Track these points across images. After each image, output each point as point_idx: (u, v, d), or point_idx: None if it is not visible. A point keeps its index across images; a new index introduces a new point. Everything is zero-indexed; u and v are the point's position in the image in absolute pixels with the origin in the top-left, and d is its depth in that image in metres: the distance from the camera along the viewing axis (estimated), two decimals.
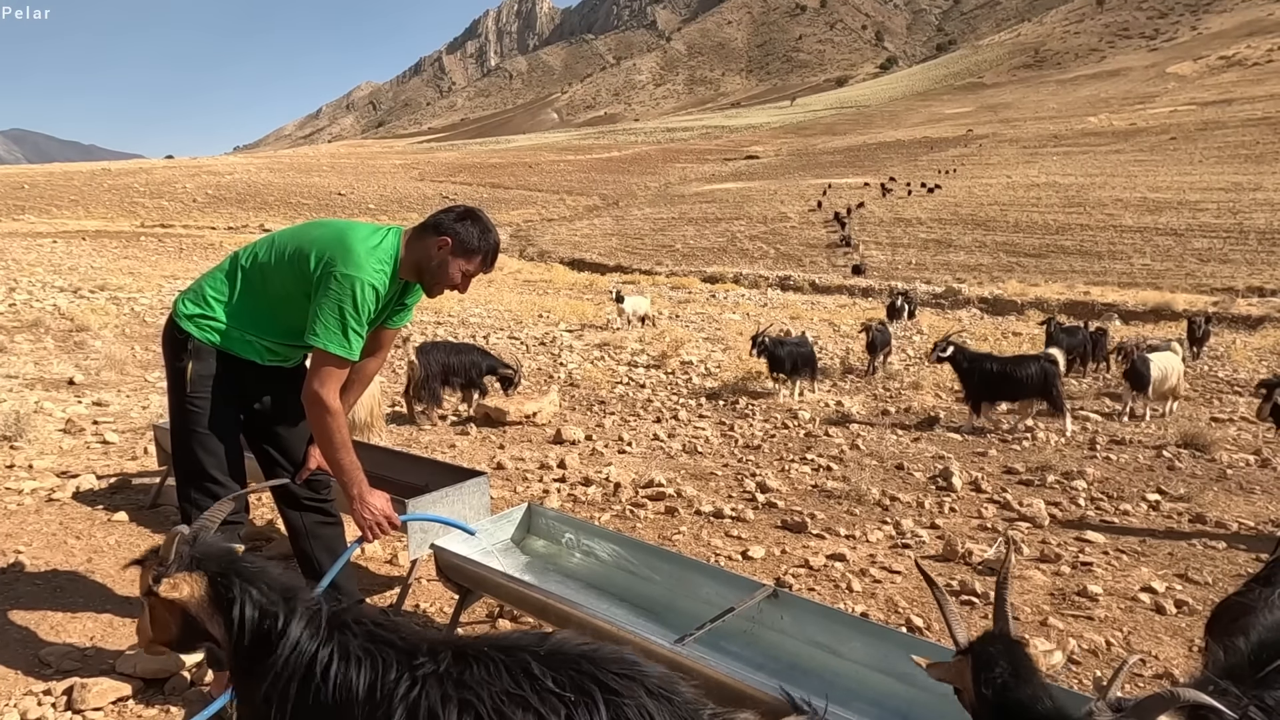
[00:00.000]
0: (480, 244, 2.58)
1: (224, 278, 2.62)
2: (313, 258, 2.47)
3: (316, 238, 2.53)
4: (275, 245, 2.58)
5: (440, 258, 2.55)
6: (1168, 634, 3.44)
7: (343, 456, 2.52)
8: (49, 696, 2.58)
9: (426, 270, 2.58)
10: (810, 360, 9.22)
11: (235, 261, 2.62)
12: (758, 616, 2.57)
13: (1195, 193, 39.35)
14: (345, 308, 2.41)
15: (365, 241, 2.50)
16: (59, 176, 67.98)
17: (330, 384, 2.44)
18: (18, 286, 14.97)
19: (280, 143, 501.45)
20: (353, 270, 2.42)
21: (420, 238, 2.57)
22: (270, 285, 2.57)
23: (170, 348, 2.60)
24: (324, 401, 2.43)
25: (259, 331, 2.61)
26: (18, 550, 3.79)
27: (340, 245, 2.47)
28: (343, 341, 2.42)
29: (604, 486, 5.37)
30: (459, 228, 2.55)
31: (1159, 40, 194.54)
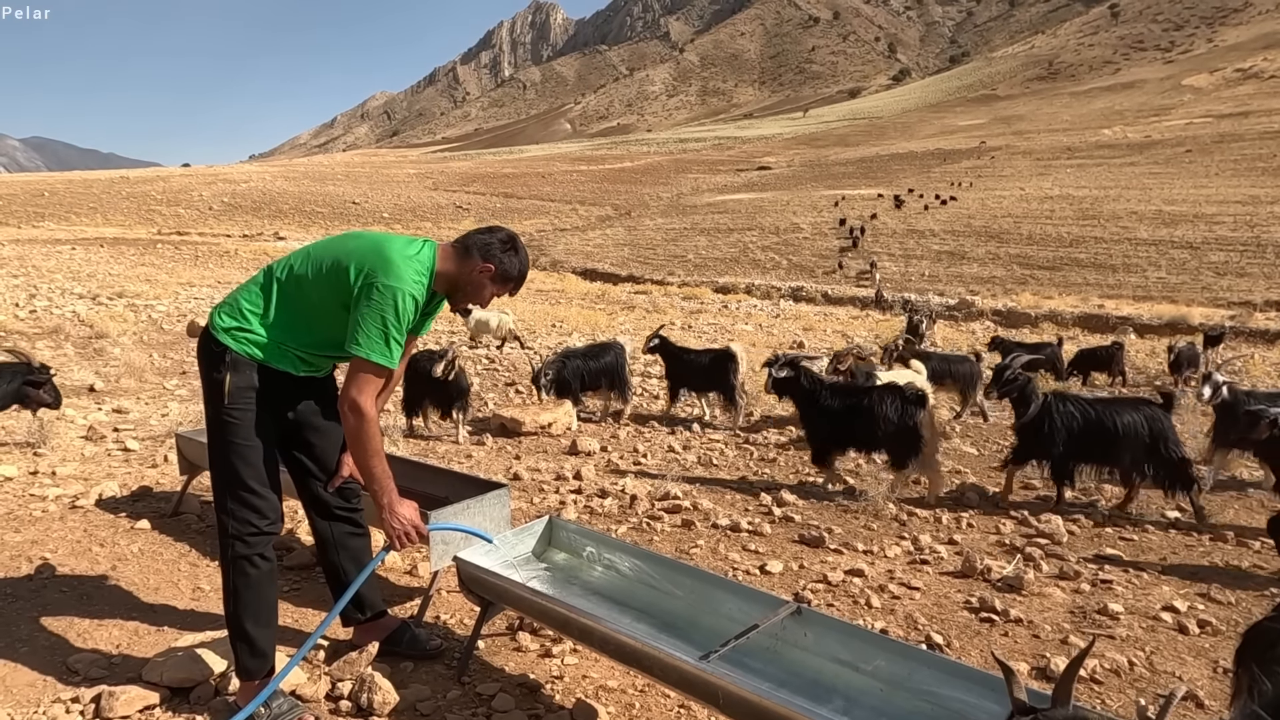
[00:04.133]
0: (517, 274, 2.71)
1: (259, 290, 2.65)
2: (352, 269, 2.51)
3: (354, 249, 2.58)
4: (311, 257, 2.62)
5: (480, 281, 2.65)
6: (1191, 654, 3.41)
7: (376, 465, 2.55)
8: (77, 704, 2.61)
9: (462, 289, 2.67)
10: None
11: (270, 274, 2.66)
12: (781, 633, 2.56)
13: (1211, 205, 39.11)
14: (387, 318, 2.46)
15: (403, 253, 2.55)
16: (78, 184, 68.81)
17: (369, 392, 2.48)
18: (38, 293, 15.16)
19: (295, 151, 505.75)
20: (394, 281, 2.47)
21: (465, 258, 2.65)
22: (307, 296, 2.60)
23: (207, 360, 2.63)
24: (362, 409, 2.46)
25: (295, 342, 2.64)
26: (44, 557, 3.83)
27: (380, 256, 2.52)
28: (385, 351, 2.47)
29: (620, 499, 5.37)
30: (504, 258, 2.66)
31: (1174, 52, 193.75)
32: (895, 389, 5.77)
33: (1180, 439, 5.44)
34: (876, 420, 5.60)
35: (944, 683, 2.25)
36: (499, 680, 2.90)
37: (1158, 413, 5.40)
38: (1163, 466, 5.27)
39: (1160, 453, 5.26)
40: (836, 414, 5.79)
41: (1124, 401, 5.66)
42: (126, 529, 4.32)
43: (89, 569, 3.76)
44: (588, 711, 2.71)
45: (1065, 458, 5.47)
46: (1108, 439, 5.34)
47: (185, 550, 4.09)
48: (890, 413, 5.60)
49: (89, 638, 3.08)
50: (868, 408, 5.66)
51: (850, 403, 5.77)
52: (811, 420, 5.92)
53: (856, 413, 5.71)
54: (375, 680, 2.68)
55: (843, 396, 5.86)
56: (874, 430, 5.63)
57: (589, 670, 3.01)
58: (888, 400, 5.65)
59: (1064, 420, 5.43)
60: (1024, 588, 4.00)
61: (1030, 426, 5.52)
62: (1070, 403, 5.53)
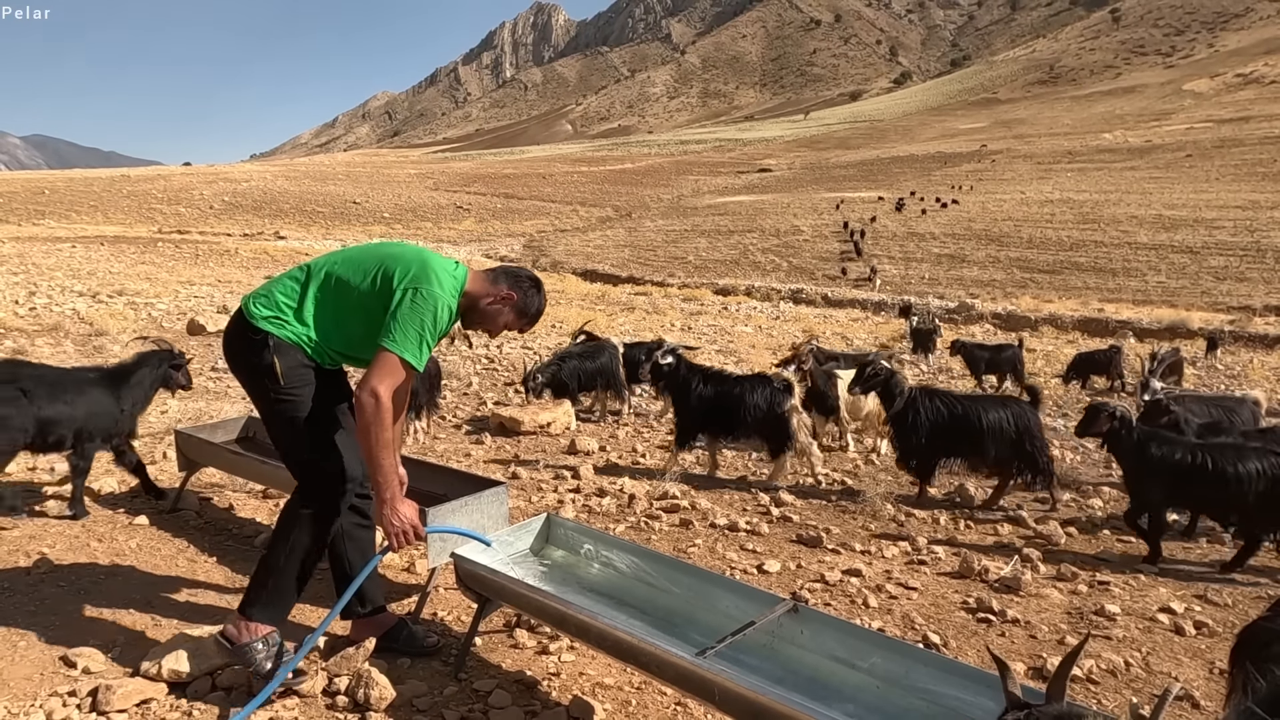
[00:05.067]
0: (534, 312, 2.86)
1: (296, 286, 2.73)
2: (398, 273, 2.62)
3: (399, 255, 2.69)
4: (354, 262, 2.72)
5: (499, 306, 2.79)
6: (1187, 655, 3.42)
7: (384, 456, 2.59)
8: (74, 698, 2.61)
9: (478, 308, 2.78)
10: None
11: (309, 273, 2.75)
12: (777, 631, 2.57)
13: (1212, 210, 39.14)
14: (426, 322, 2.57)
15: (444, 267, 2.70)
16: (79, 182, 68.81)
17: (390, 384, 2.54)
18: (38, 290, 15.16)
19: (296, 151, 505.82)
20: (438, 290, 2.61)
21: (493, 281, 2.80)
22: (346, 297, 2.69)
23: (247, 347, 2.68)
24: (381, 397, 2.51)
25: (326, 339, 2.73)
26: (41, 552, 3.83)
27: (426, 266, 2.65)
28: (416, 352, 2.57)
29: (618, 498, 5.38)
30: (529, 292, 2.82)
31: (1175, 57, 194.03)
32: (765, 379, 6.02)
33: (1044, 435, 5.65)
34: (746, 409, 5.83)
35: (940, 680, 2.26)
36: (496, 677, 2.90)
37: (1024, 409, 5.60)
38: (1024, 460, 5.49)
39: (1024, 448, 5.47)
40: (709, 401, 5.96)
41: (991, 398, 5.90)
42: (125, 525, 4.32)
43: (87, 564, 3.76)
44: (584, 708, 2.71)
45: (930, 450, 5.65)
46: (972, 433, 5.52)
47: (183, 546, 4.10)
48: (760, 401, 5.83)
49: (86, 632, 3.08)
50: (738, 396, 5.88)
51: (722, 391, 5.97)
52: (684, 406, 6.06)
53: (727, 400, 5.91)
54: (372, 676, 2.68)
55: (716, 384, 6.04)
56: (744, 418, 5.86)
57: (586, 667, 3.01)
58: (758, 390, 5.89)
59: (929, 414, 5.61)
60: (1021, 588, 4.01)
61: (897, 419, 5.71)
62: (937, 398, 5.71)
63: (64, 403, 4.15)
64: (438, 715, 2.64)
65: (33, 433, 4.04)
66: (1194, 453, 4.50)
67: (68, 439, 4.23)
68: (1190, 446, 4.59)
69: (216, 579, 3.73)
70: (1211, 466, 4.39)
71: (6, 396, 3.94)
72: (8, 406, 3.93)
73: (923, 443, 5.62)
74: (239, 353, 2.74)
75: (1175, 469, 4.49)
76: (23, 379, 4.07)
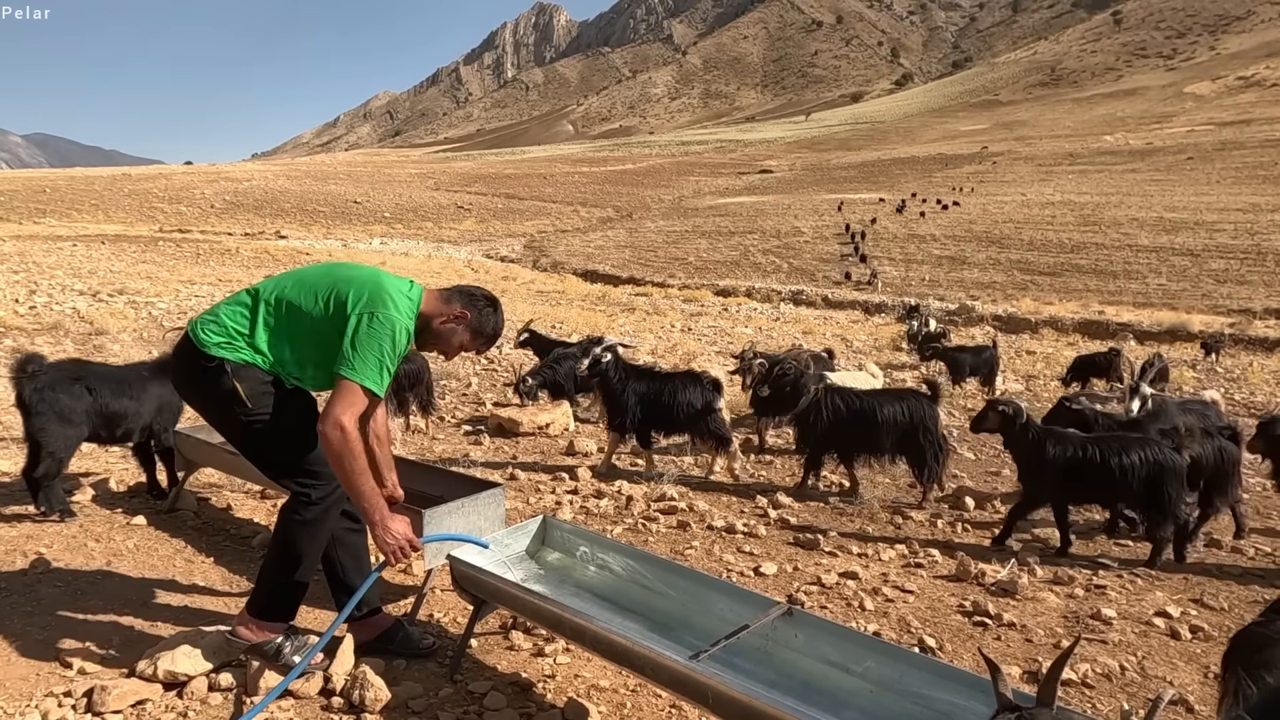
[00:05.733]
0: (489, 330, 2.83)
1: (245, 311, 2.68)
2: (351, 298, 2.59)
3: (351, 278, 2.65)
4: (305, 284, 2.67)
5: (452, 325, 2.76)
6: (1183, 660, 3.42)
7: (362, 483, 2.57)
8: (69, 698, 2.61)
9: (431, 329, 2.75)
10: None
11: (256, 296, 2.69)
12: (772, 634, 2.57)
13: (1212, 213, 39.16)
14: (385, 347, 2.54)
15: (399, 288, 2.66)
16: (80, 181, 68.87)
17: (353, 414, 2.50)
18: (38, 289, 15.16)
19: (297, 150, 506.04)
20: (394, 313, 2.57)
21: (446, 300, 2.77)
22: (298, 322, 2.65)
23: (203, 375, 2.63)
24: (346, 428, 2.47)
25: (280, 364, 2.69)
26: (39, 552, 3.84)
27: (379, 289, 2.62)
28: (377, 378, 2.54)
29: (616, 499, 5.38)
30: (483, 310, 2.80)
31: (1177, 60, 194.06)
32: (695, 377, 6.14)
33: (939, 428, 5.80)
34: (679, 406, 5.95)
35: (934, 685, 2.26)
36: (491, 679, 2.90)
37: (921, 403, 5.76)
38: (916, 452, 5.68)
39: (917, 440, 5.65)
40: (642, 398, 6.03)
41: (890, 393, 6.05)
42: (122, 525, 4.33)
43: (84, 564, 3.77)
44: (579, 711, 2.71)
45: (831, 446, 5.83)
46: (872, 428, 5.67)
47: (181, 546, 4.10)
48: (692, 398, 5.94)
49: (83, 632, 3.09)
50: (671, 393, 5.98)
51: (654, 388, 6.06)
52: (617, 403, 6.07)
53: (660, 397, 6.01)
54: (368, 677, 2.69)
55: (649, 382, 6.12)
56: (676, 415, 5.97)
57: (581, 669, 3.01)
58: (689, 387, 6.00)
59: (831, 412, 5.73)
60: (1018, 592, 4.01)
61: (803, 418, 5.81)
62: (839, 396, 5.83)
63: (129, 398, 4.42)
64: (433, 717, 2.64)
65: (99, 425, 4.32)
66: (1084, 446, 4.66)
67: (134, 432, 4.51)
68: (1080, 441, 4.74)
69: (214, 579, 3.73)
70: (1099, 459, 4.57)
71: (74, 392, 4.21)
72: (75, 401, 4.20)
73: (822, 440, 5.78)
74: (192, 380, 2.68)
75: (1068, 463, 4.64)
76: (87, 376, 4.33)
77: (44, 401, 4.13)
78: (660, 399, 6.00)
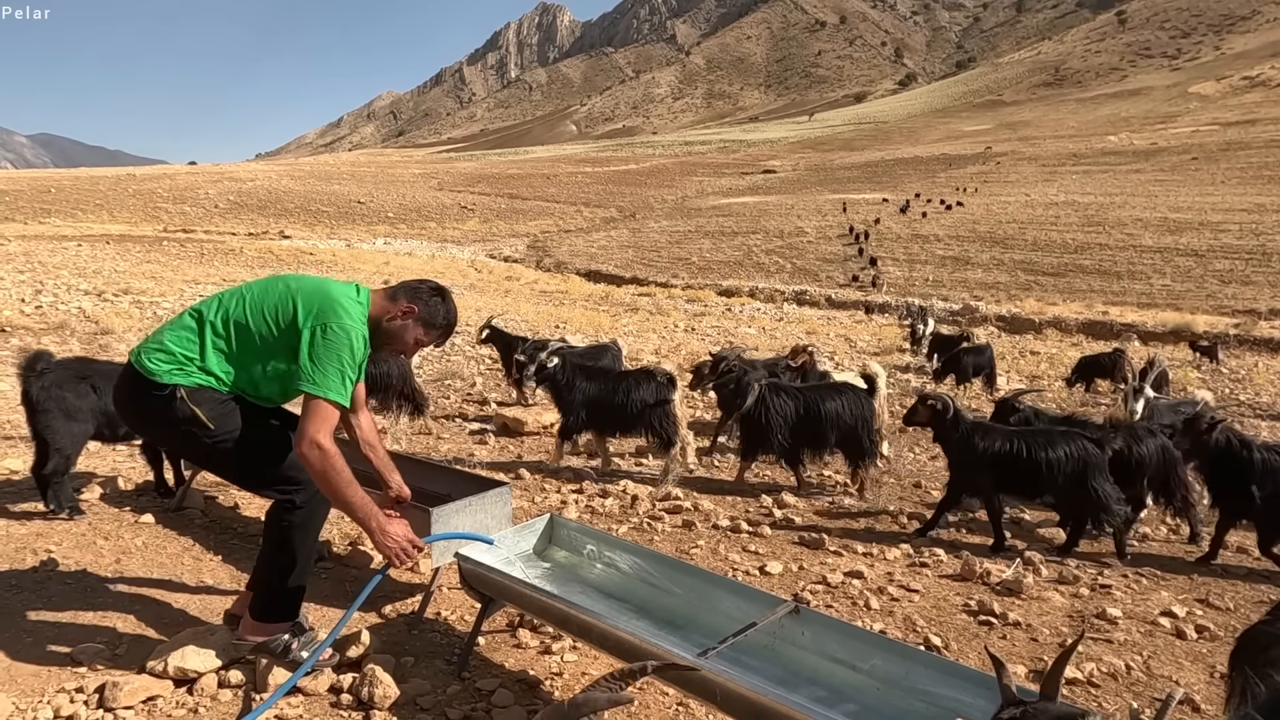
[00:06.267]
0: (441, 321, 2.79)
1: (192, 335, 2.63)
2: (300, 311, 2.55)
3: (299, 290, 2.61)
4: (249, 300, 2.63)
5: (404, 323, 2.73)
6: (1188, 659, 3.42)
7: (351, 494, 2.53)
8: (81, 694, 2.63)
9: (386, 330, 2.72)
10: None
11: (201, 317, 2.64)
12: (779, 632, 2.58)
13: (1217, 214, 39.08)
14: (344, 357, 2.51)
15: (347, 294, 2.64)
16: (85, 181, 69.05)
17: (326, 430, 2.48)
18: (44, 289, 15.21)
19: (301, 150, 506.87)
20: (347, 321, 2.54)
21: (391, 298, 2.74)
22: (248, 341, 2.60)
23: (156, 405, 2.57)
24: (324, 446, 2.45)
25: (234, 384, 2.65)
26: (49, 550, 3.86)
27: (328, 298, 2.58)
28: (340, 389, 2.50)
29: (621, 498, 5.40)
30: (430, 301, 2.76)
31: (1181, 60, 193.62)
32: (649, 374, 6.07)
33: (873, 423, 5.88)
34: (632, 403, 5.91)
35: (940, 682, 2.27)
36: (499, 676, 2.92)
37: (860, 397, 5.83)
38: (853, 445, 5.77)
39: (856, 432, 5.75)
40: (593, 398, 5.97)
41: (831, 388, 6.04)
42: (131, 523, 4.35)
43: (93, 562, 3.79)
44: None
45: (784, 443, 5.82)
46: (815, 424, 5.72)
47: (189, 544, 4.12)
48: (645, 396, 5.91)
49: (93, 629, 3.11)
50: (624, 391, 5.94)
51: (607, 387, 6.01)
52: (568, 404, 6.01)
53: (613, 396, 5.96)
54: (376, 674, 2.70)
55: (600, 381, 6.06)
56: (629, 412, 5.92)
57: (588, 667, 3.02)
58: (642, 385, 5.96)
59: (778, 409, 5.75)
60: (1023, 591, 4.02)
61: (749, 417, 5.80)
62: (783, 393, 5.85)
63: None
64: (440, 714, 2.66)
65: (103, 424, 4.34)
66: (1012, 440, 4.74)
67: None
68: (1008, 434, 4.83)
69: (221, 577, 3.75)
70: (1026, 453, 4.65)
71: (80, 390, 4.24)
72: (81, 399, 4.23)
73: (771, 438, 5.77)
74: (144, 412, 2.62)
75: (995, 456, 4.72)
76: (93, 375, 4.34)
77: (50, 399, 4.16)
78: (613, 398, 5.93)
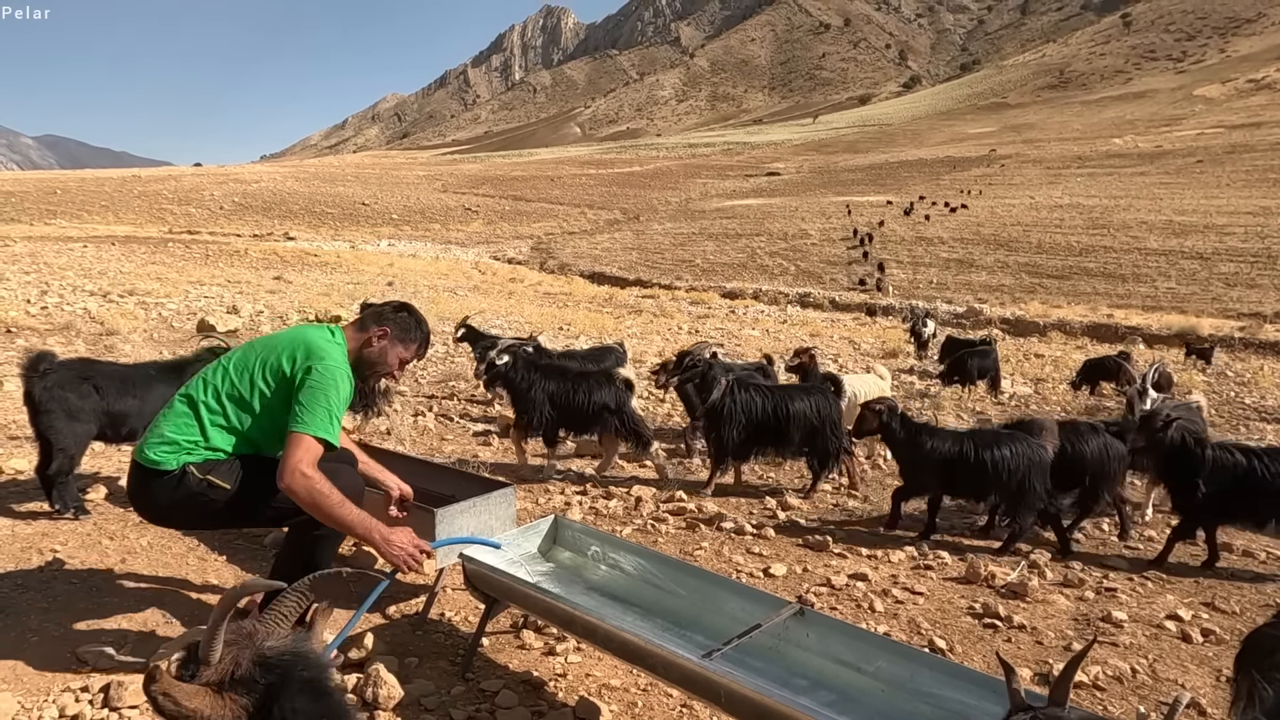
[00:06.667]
0: (416, 334, 2.84)
1: (190, 420, 2.69)
2: (285, 364, 2.62)
3: (279, 346, 2.68)
4: (236, 372, 2.69)
5: (381, 345, 2.79)
6: (1194, 663, 3.41)
7: (345, 514, 2.56)
8: (86, 694, 2.64)
9: (367, 358, 2.79)
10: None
11: (193, 401, 2.71)
12: (783, 634, 2.58)
13: (1222, 216, 38.99)
14: (330, 396, 2.57)
15: (325, 338, 2.70)
16: (90, 182, 69.31)
17: (309, 460, 2.53)
18: (49, 289, 15.26)
19: (306, 152, 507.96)
20: (331, 363, 2.62)
21: (361, 329, 2.81)
22: (247, 409, 2.67)
23: (170, 489, 2.64)
24: (309, 476, 2.50)
25: (235, 449, 2.72)
26: (54, 550, 3.87)
27: (309, 344, 2.65)
28: (328, 427, 2.56)
29: (625, 500, 5.39)
30: (396, 318, 2.81)
31: (1186, 62, 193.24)
32: (608, 376, 6.10)
33: (841, 425, 5.84)
34: (592, 404, 5.90)
35: (945, 684, 2.27)
36: (503, 677, 2.92)
37: (827, 399, 5.82)
38: (821, 447, 5.74)
39: (821, 434, 5.72)
40: (552, 398, 5.95)
41: (798, 389, 6.01)
42: (135, 523, 4.35)
43: (98, 562, 3.80)
44: (591, 709, 2.72)
45: (743, 440, 5.75)
46: (780, 423, 5.70)
47: (193, 544, 4.13)
48: (606, 398, 5.91)
49: (98, 629, 3.12)
50: (584, 393, 5.92)
51: (565, 388, 5.96)
52: (528, 404, 5.95)
53: (572, 396, 5.93)
54: (380, 675, 2.71)
55: (558, 381, 5.98)
56: (588, 412, 5.91)
57: (592, 668, 3.02)
58: (603, 387, 5.95)
59: (743, 406, 5.71)
60: (1028, 594, 4.01)
61: (713, 411, 5.76)
62: (750, 390, 5.80)
63: (133, 397, 4.44)
64: (445, 714, 2.66)
65: (105, 424, 4.36)
66: (960, 442, 4.84)
67: (139, 431, 4.49)
68: (956, 436, 4.93)
69: (226, 577, 3.76)
70: (974, 455, 4.74)
71: (82, 391, 4.26)
72: (83, 400, 4.24)
73: (736, 435, 5.72)
74: (161, 500, 2.68)
75: (944, 457, 4.82)
76: (95, 375, 4.37)
77: (53, 399, 4.18)
78: (572, 398, 5.90)
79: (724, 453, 5.80)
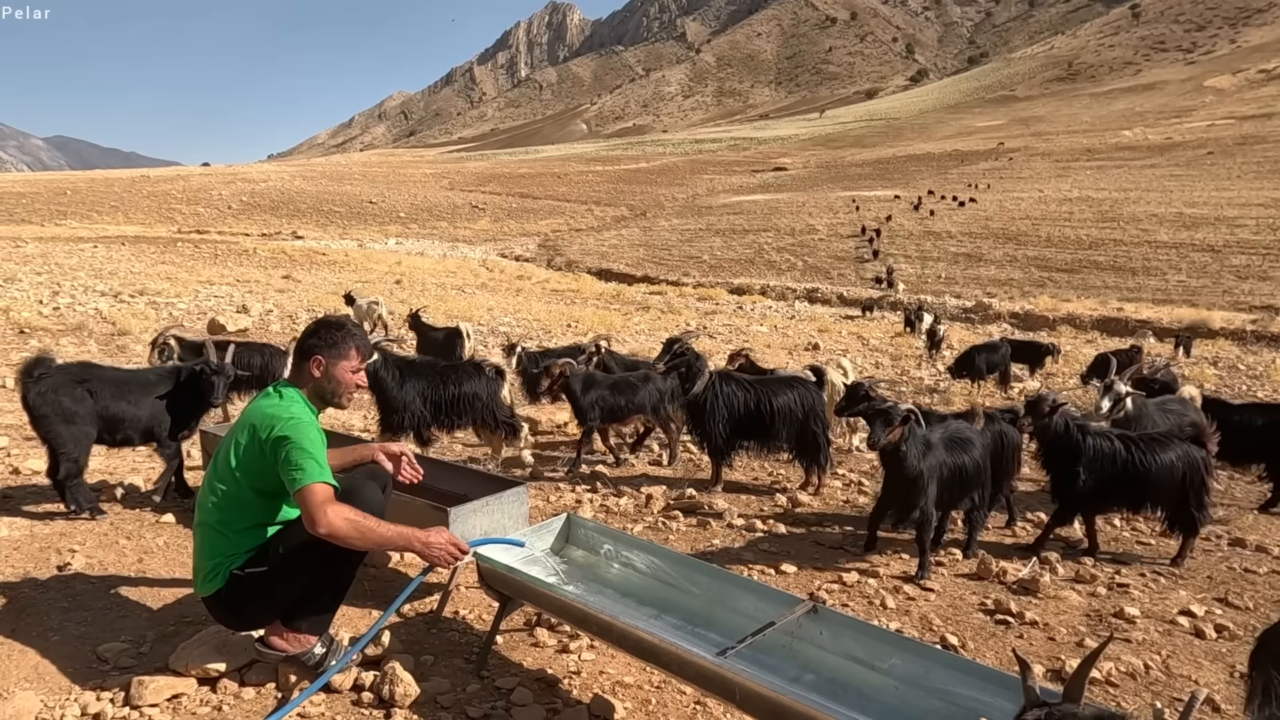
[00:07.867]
0: (346, 343, 2.79)
1: (216, 540, 2.71)
2: (257, 438, 2.64)
3: (234, 435, 2.71)
4: (217, 482, 2.72)
5: (323, 373, 2.77)
6: (1208, 659, 3.41)
7: (385, 534, 2.62)
8: (107, 692, 2.67)
9: (320, 390, 2.79)
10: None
11: (206, 524, 2.73)
12: (797, 631, 2.59)
13: (1233, 208, 38.69)
14: (305, 446, 2.58)
15: (272, 400, 2.72)
16: (100, 183, 69.66)
17: (326, 505, 2.54)
18: (61, 290, 15.37)
19: (313, 151, 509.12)
20: (287, 415, 2.63)
21: (299, 370, 2.80)
22: (250, 508, 2.72)
23: (236, 592, 2.70)
24: (333, 522, 2.52)
25: (261, 533, 2.77)
26: (72, 550, 3.91)
27: (263, 413, 2.67)
28: (321, 471, 2.58)
29: (636, 498, 5.41)
30: (323, 338, 2.77)
31: (1196, 53, 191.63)
32: (478, 367, 6.23)
33: (825, 417, 5.85)
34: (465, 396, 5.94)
35: (959, 681, 2.27)
36: (517, 675, 2.94)
37: (811, 392, 5.80)
38: (802, 441, 5.74)
39: (809, 428, 5.72)
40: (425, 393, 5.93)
41: (781, 381, 5.99)
42: (152, 523, 4.40)
43: (116, 562, 3.84)
44: (605, 706, 2.74)
45: (726, 433, 5.76)
46: (764, 416, 5.69)
47: None
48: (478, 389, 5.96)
49: (117, 627, 3.15)
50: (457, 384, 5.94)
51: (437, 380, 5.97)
52: (388, 400, 5.92)
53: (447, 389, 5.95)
54: (396, 673, 2.73)
55: (429, 375, 6.00)
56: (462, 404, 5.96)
57: (606, 666, 3.04)
58: (476, 377, 6.03)
59: (725, 399, 5.71)
60: (1040, 590, 4.01)
61: (696, 403, 5.76)
62: (734, 383, 5.80)
63: (127, 402, 4.46)
64: (460, 712, 2.68)
65: (101, 428, 4.39)
66: (746, 389, 5.15)
67: (135, 436, 4.55)
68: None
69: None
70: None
71: (76, 395, 4.29)
72: (77, 404, 4.27)
73: (720, 426, 5.71)
74: (239, 608, 2.73)
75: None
76: (91, 379, 4.40)
77: (46, 404, 4.21)
78: (443, 393, 5.90)
79: (715, 446, 5.82)
